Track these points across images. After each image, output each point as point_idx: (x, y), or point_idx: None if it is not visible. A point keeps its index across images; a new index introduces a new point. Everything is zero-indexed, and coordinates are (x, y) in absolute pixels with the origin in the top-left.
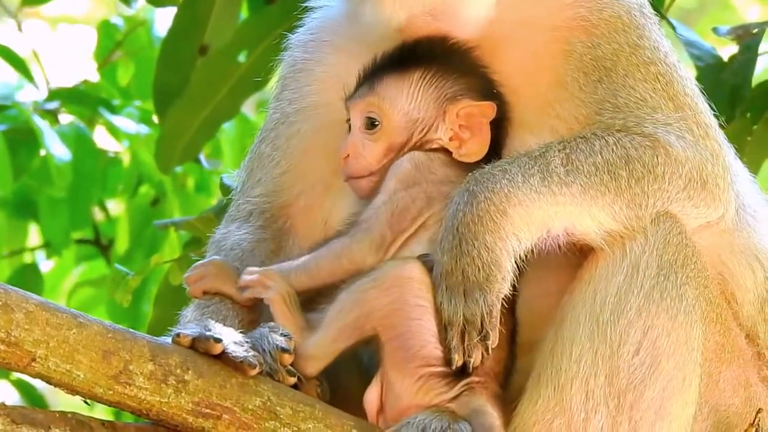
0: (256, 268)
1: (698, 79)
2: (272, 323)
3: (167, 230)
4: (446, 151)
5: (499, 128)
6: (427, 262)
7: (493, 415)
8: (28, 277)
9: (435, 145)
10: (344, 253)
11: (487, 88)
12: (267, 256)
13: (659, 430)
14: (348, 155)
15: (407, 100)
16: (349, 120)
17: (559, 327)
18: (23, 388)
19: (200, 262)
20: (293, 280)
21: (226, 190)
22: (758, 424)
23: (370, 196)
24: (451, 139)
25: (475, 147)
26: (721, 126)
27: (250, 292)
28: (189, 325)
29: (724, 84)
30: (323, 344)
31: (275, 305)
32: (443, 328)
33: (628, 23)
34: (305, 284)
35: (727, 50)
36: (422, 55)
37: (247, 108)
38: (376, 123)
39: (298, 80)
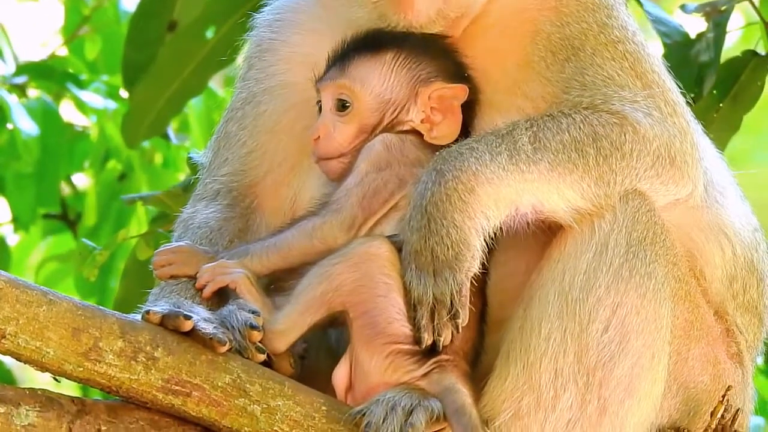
0: (208, 265)
1: (666, 56)
2: (240, 300)
3: (134, 205)
4: (418, 134)
5: (470, 111)
6: (396, 242)
7: (464, 392)
8: None
9: (406, 127)
10: (315, 233)
11: (458, 71)
12: (235, 235)
13: (628, 408)
14: (319, 137)
15: (379, 81)
16: (319, 102)
17: (528, 305)
18: None
19: (169, 245)
20: (265, 260)
21: (193, 167)
22: (727, 401)
23: (340, 178)
24: (422, 122)
25: (447, 130)
26: (688, 104)
27: (211, 286)
28: (158, 302)
29: (691, 61)
30: (290, 318)
31: (241, 286)
32: (412, 307)
33: (597, 2)
34: (277, 264)
35: (694, 25)
36: (394, 37)
37: (215, 83)
38: (347, 104)
39: (265, 60)
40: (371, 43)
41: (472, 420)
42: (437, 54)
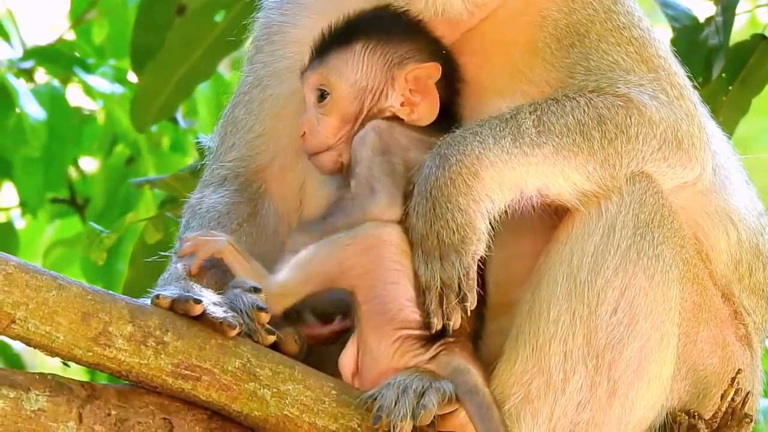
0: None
1: (675, 40)
2: (239, 279)
3: (142, 189)
4: (399, 119)
5: (453, 90)
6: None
7: (474, 372)
8: (3, 237)
9: (388, 114)
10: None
11: (435, 49)
12: (244, 219)
13: (637, 390)
14: (304, 132)
15: (353, 69)
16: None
17: (536, 288)
18: None
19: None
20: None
21: (202, 151)
22: (737, 384)
23: (332, 172)
24: (402, 105)
25: (426, 110)
26: (696, 87)
27: (197, 258)
28: (168, 286)
29: (700, 45)
30: (290, 285)
31: (228, 254)
32: (421, 292)
33: None
34: None
35: (703, 9)
36: (366, 23)
37: (223, 67)
38: (326, 95)
39: (273, 43)
40: (344, 31)
41: (486, 399)
42: (408, 34)
